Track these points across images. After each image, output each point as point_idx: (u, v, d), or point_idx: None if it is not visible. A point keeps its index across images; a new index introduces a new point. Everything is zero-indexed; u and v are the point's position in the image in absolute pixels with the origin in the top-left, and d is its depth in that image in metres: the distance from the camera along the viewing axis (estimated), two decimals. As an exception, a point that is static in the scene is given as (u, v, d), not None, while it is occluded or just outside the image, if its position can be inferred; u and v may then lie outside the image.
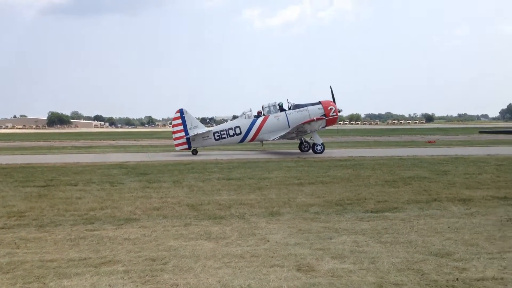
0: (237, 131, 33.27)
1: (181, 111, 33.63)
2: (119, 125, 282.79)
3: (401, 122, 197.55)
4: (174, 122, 34.11)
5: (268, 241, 9.54)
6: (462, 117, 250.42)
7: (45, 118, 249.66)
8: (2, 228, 10.98)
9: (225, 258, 8.39)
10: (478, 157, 25.79)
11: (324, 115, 32.63)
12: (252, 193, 15.42)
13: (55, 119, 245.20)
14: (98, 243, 9.54)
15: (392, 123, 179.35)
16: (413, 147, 35.98)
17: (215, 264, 8.09)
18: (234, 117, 34.09)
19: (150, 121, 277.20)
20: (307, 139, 33.88)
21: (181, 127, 33.38)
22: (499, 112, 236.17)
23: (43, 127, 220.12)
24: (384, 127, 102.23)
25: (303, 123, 31.01)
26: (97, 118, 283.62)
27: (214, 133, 33.40)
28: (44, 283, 7.23)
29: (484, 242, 9.17)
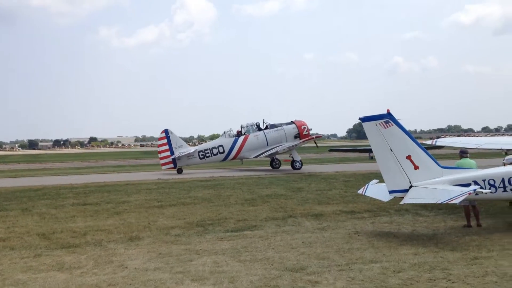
0: (220, 149, 34.69)
1: (166, 132, 34.58)
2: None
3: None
4: (159, 142, 35.18)
5: (127, 267, 9.23)
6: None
7: None
8: None
9: (80, 289, 7.94)
10: (328, 174, 27.61)
11: (299, 133, 35.08)
12: (110, 218, 14.87)
13: None
14: None
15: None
16: (270, 168, 37.38)
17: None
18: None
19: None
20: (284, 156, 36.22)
21: (167, 147, 34.28)
22: (346, 132, 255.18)
23: None
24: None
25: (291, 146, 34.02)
26: None
27: (199, 152, 34.68)
28: None
29: (334, 255, 9.80)
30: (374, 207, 15.35)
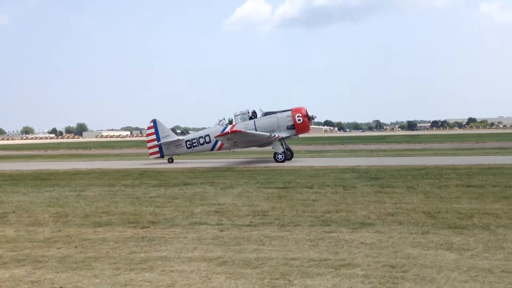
0: (207, 139, 33.95)
1: (154, 121, 35.59)
2: (348, 129, 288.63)
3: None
4: (148, 132, 36.26)
5: None
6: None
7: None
8: (249, 225, 11.95)
9: (471, 272, 7.75)
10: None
11: (293, 123, 32.27)
12: (497, 202, 14.04)
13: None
14: (336, 245, 9.70)
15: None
16: None
17: (459, 277, 7.53)
18: None
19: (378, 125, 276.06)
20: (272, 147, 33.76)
21: (154, 136, 35.38)
22: None
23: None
24: None
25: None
26: (327, 123, 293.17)
27: (186, 141, 34.63)
28: (289, 280, 7.63)
29: None
30: None
